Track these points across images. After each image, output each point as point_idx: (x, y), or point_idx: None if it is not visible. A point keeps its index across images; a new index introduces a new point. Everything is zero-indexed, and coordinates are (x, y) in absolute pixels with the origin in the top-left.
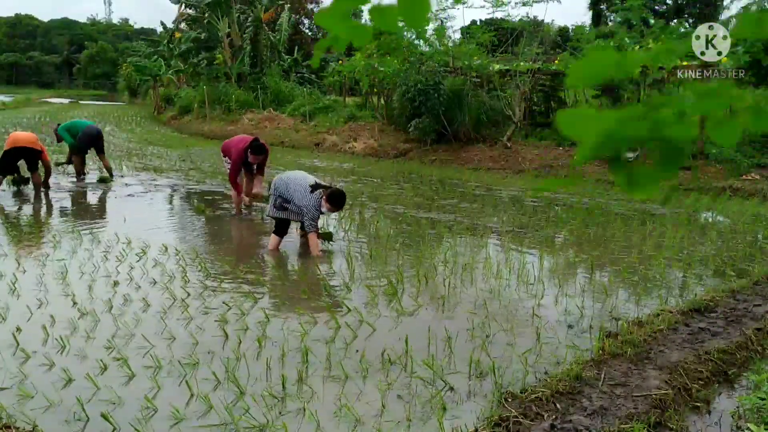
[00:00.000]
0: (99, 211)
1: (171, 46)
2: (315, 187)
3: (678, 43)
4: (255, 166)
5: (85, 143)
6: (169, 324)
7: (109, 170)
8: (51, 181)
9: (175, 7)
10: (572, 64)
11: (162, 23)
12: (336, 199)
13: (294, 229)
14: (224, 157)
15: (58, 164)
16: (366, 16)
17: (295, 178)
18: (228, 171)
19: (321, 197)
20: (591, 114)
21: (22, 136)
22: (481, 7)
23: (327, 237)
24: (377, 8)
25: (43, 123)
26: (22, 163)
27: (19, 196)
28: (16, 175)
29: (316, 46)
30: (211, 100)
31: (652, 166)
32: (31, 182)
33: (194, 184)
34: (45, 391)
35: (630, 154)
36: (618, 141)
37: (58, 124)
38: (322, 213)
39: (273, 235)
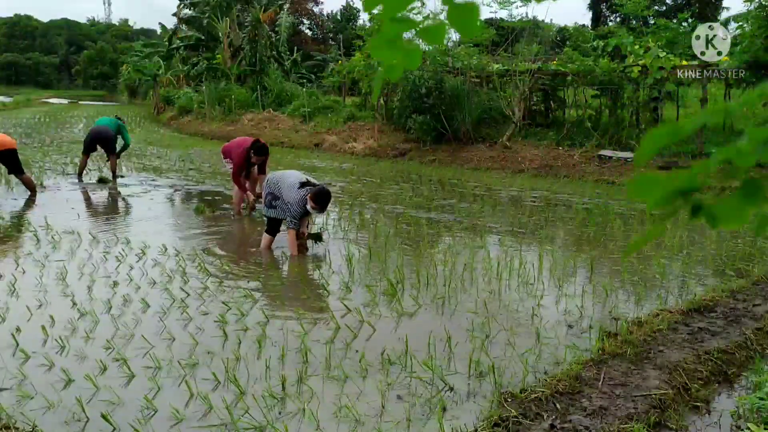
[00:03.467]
0: (98, 212)
1: (170, 46)
2: (304, 184)
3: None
4: (256, 168)
5: (86, 142)
6: (168, 324)
7: (114, 172)
8: (51, 182)
9: (174, 7)
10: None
11: (161, 24)
12: (320, 198)
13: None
14: (225, 159)
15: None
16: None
17: (287, 175)
18: (230, 171)
19: (307, 194)
20: (658, 179)
21: (3, 138)
22: (487, 5)
23: (316, 238)
24: (426, 30)
25: (43, 123)
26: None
27: (16, 197)
28: None
29: (375, 78)
30: (211, 101)
31: (732, 199)
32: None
33: (194, 184)
34: (45, 392)
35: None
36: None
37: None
38: (308, 212)
39: (265, 234)
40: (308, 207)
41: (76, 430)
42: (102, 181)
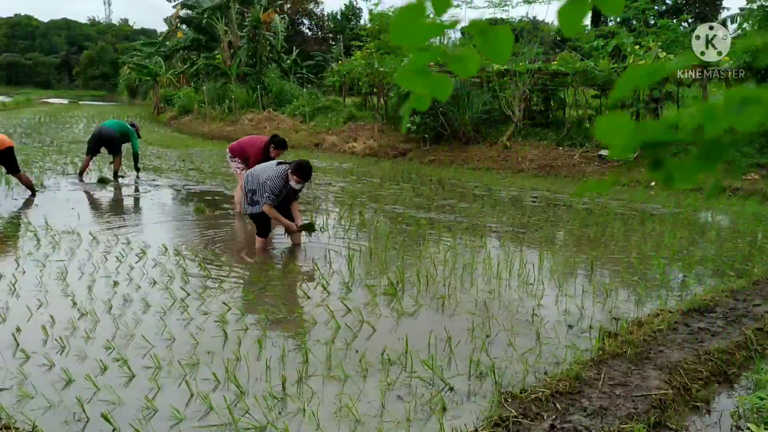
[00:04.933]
0: (98, 212)
1: (170, 46)
2: (282, 163)
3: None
4: None
5: (90, 143)
6: (168, 324)
7: (116, 172)
8: (51, 182)
9: (172, 7)
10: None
11: (165, 22)
12: (301, 170)
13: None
14: (233, 158)
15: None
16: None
17: (263, 165)
18: (232, 171)
19: (287, 171)
20: (627, 122)
21: (2, 138)
22: (485, 7)
23: (308, 228)
24: (456, 58)
25: (43, 123)
26: None
27: (16, 197)
28: None
29: (402, 111)
30: (211, 101)
31: (690, 161)
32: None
33: (194, 184)
34: (45, 392)
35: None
36: (657, 144)
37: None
38: (290, 188)
39: (257, 237)
40: (292, 183)
41: (76, 430)
42: (102, 181)
